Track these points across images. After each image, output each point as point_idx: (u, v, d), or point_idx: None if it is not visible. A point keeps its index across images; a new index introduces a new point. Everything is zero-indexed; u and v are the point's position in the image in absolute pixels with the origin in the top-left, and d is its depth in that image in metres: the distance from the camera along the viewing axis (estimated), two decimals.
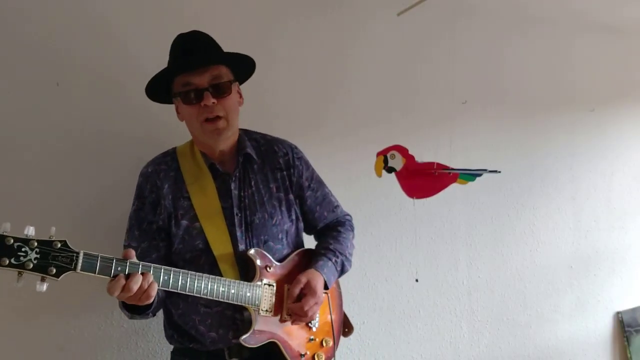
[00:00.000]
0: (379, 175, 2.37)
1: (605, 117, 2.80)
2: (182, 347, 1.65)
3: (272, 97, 2.12)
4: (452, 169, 2.45)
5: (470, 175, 2.50)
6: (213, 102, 1.54)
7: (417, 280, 2.39)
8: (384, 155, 2.37)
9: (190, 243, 1.57)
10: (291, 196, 1.71)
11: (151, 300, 1.38)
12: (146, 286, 1.32)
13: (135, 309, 1.43)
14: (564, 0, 2.61)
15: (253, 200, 1.63)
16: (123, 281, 1.29)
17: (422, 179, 2.42)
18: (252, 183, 1.65)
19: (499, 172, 2.52)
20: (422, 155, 2.42)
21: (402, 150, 2.39)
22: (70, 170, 1.91)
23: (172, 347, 1.72)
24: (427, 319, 2.43)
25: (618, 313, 2.80)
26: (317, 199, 1.78)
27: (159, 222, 1.58)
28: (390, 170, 2.38)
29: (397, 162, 2.38)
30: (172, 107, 1.68)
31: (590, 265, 2.76)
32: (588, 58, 2.77)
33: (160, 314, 1.67)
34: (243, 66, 1.67)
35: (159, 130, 1.94)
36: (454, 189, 2.48)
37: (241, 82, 1.72)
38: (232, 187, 1.62)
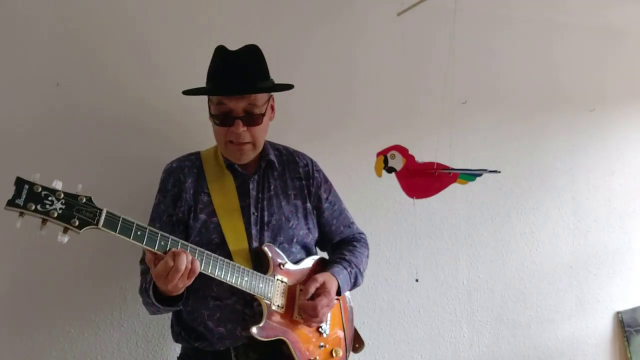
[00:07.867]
0: (379, 175, 2.37)
1: (605, 117, 2.80)
2: (188, 348, 1.66)
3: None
4: (452, 169, 2.45)
5: (470, 175, 2.50)
6: (243, 130, 1.55)
7: (417, 280, 2.39)
8: (384, 155, 2.37)
9: (207, 237, 1.59)
10: (309, 205, 1.73)
11: (192, 281, 1.39)
12: (190, 265, 1.35)
13: (167, 301, 1.46)
14: (564, 1, 2.62)
15: (271, 202, 1.66)
16: (171, 263, 1.32)
17: (422, 179, 2.42)
18: (272, 187, 1.69)
19: (499, 172, 2.52)
20: (422, 155, 2.42)
21: (402, 150, 2.39)
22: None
23: (173, 346, 1.73)
24: (427, 319, 2.43)
25: (618, 313, 2.80)
26: (335, 212, 1.81)
27: (178, 215, 1.61)
28: (390, 170, 2.38)
29: (397, 162, 2.38)
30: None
31: (590, 265, 2.76)
32: (588, 58, 2.76)
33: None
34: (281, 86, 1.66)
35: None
36: (454, 189, 2.48)
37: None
38: (251, 188, 1.65)
